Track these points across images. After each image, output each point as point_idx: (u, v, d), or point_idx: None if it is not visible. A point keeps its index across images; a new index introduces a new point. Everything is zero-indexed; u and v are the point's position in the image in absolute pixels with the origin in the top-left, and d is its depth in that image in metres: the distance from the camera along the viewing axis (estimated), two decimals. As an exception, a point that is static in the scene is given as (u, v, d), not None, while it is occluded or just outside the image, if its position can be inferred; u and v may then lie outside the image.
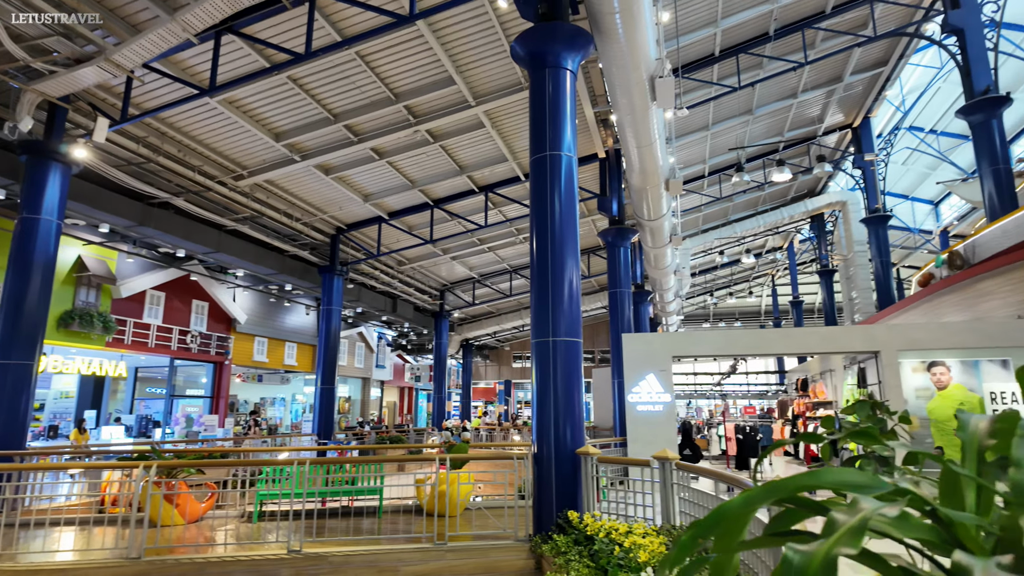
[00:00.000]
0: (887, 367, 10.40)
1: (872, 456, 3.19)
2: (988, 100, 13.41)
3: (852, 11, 15.08)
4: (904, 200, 34.46)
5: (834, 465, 1.43)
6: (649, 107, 9.68)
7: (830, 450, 3.02)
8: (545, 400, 6.64)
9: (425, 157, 14.78)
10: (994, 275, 11.70)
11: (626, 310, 15.38)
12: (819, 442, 1.77)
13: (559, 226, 6.99)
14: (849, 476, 0.66)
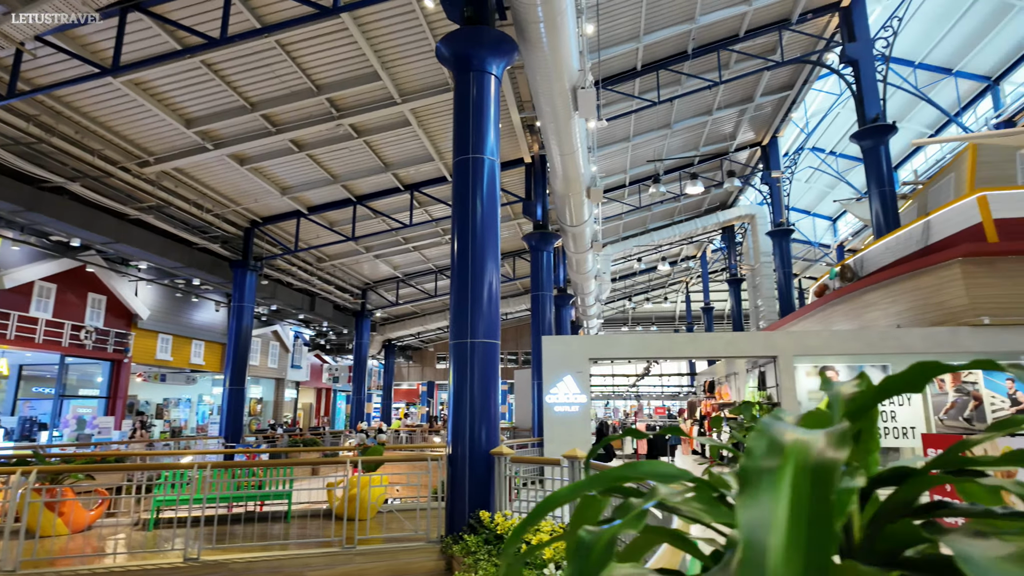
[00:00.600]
0: (783, 371, 11.16)
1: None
2: (877, 127, 14.69)
3: (763, 36, 16.09)
4: (806, 215, 37.08)
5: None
6: (572, 116, 9.93)
7: (716, 450, 3.25)
8: (461, 401, 6.67)
9: (348, 152, 14.45)
10: (877, 288, 12.82)
11: (547, 313, 15.67)
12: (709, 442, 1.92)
13: (480, 229, 7.05)
14: (661, 467, 0.74)
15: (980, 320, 10.56)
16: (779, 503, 0.43)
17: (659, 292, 48.70)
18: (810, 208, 36.34)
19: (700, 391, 24.09)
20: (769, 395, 12.13)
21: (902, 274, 12.05)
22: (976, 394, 10.97)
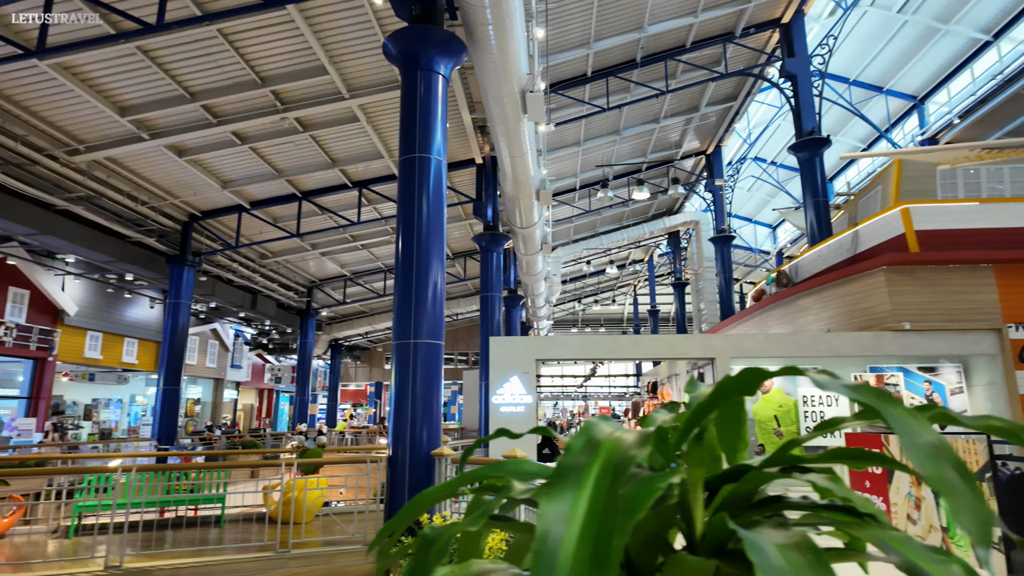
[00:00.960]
0: (720, 372, 11.55)
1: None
2: (813, 140, 15.39)
3: (708, 48, 16.61)
4: (748, 223, 38.50)
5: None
6: (521, 119, 10.00)
7: None
8: (403, 402, 6.62)
9: (294, 146, 14.11)
10: (810, 293, 13.43)
11: (497, 314, 15.71)
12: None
13: (426, 229, 7.01)
14: (526, 466, 0.77)
15: (902, 325, 11.21)
16: (582, 497, 0.46)
17: (608, 295, 49.59)
18: (752, 216, 37.75)
19: (644, 392, 24.64)
20: (708, 396, 12.51)
21: (832, 281, 12.66)
22: (898, 395, 11.63)
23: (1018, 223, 11.47)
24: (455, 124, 14.35)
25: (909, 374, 11.73)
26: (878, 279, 11.60)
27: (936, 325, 11.20)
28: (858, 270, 11.96)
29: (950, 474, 0.47)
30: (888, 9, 19.81)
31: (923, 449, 0.47)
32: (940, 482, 0.45)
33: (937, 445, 0.49)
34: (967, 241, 11.49)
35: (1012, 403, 10.83)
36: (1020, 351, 11.01)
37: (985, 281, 11.36)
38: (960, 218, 11.58)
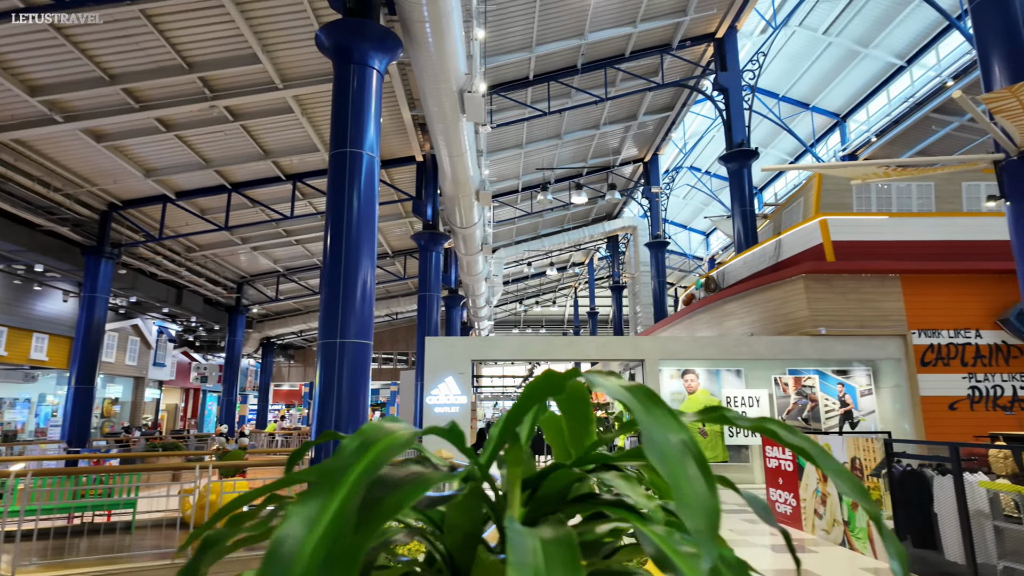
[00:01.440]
0: (649, 373, 11.89)
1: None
2: (742, 151, 16.06)
3: (646, 58, 17.07)
4: (683, 230, 39.78)
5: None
6: (460, 118, 9.97)
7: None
8: (328, 403, 6.47)
9: (223, 136, 13.55)
10: (735, 299, 14.01)
11: (434, 313, 15.60)
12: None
13: (356, 226, 6.88)
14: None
15: (818, 330, 11.87)
16: (334, 499, 0.46)
17: (549, 296, 50.09)
18: (687, 223, 39.04)
19: (581, 393, 25.02)
20: (638, 397, 12.86)
21: (756, 287, 13.26)
22: (813, 396, 12.30)
23: (923, 236, 12.34)
24: (394, 120, 14.16)
25: (824, 376, 12.43)
26: (797, 286, 12.24)
27: (848, 330, 11.92)
28: (779, 277, 12.58)
29: (691, 470, 0.50)
30: (814, 30, 20.90)
31: (661, 447, 0.49)
32: (673, 476, 0.48)
33: (682, 444, 0.52)
34: (878, 252, 12.28)
35: (914, 404, 11.65)
36: (922, 356, 11.87)
37: (893, 290, 12.18)
38: (872, 230, 12.36)
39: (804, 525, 7.24)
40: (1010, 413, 11.63)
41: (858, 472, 6.19)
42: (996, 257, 12.08)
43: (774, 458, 7.96)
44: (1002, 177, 7.44)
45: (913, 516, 5.46)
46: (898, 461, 5.78)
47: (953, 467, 4.87)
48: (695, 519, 0.46)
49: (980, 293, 12.07)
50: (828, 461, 0.67)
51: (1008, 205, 7.38)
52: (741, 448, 12.31)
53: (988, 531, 4.62)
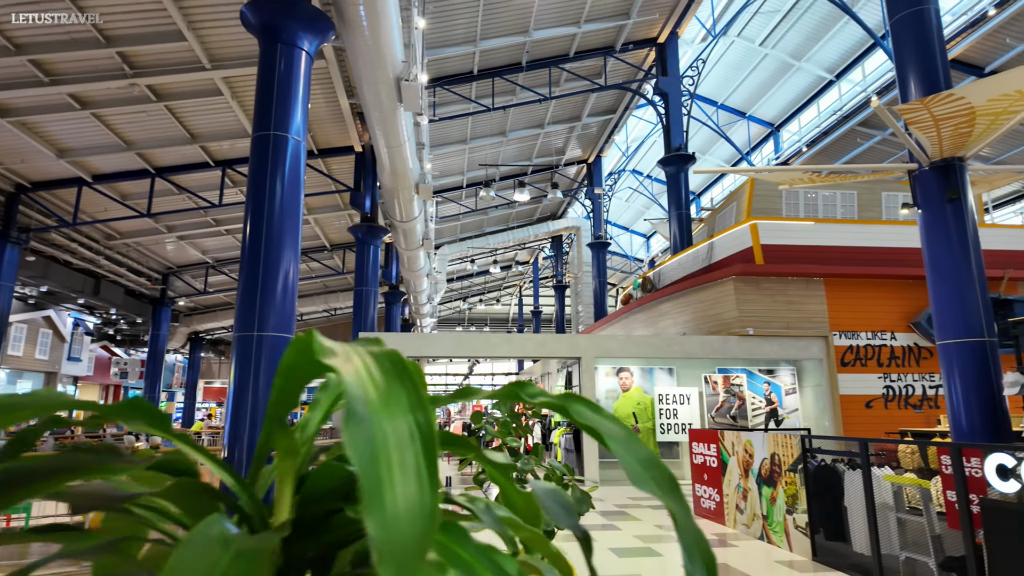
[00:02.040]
0: (585, 371, 11.96)
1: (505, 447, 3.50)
2: (680, 156, 16.40)
3: (590, 60, 17.20)
4: (626, 232, 40.56)
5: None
6: (397, 108, 9.71)
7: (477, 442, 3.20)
8: (243, 402, 6.13)
9: (146, 116, 12.75)
10: (670, 299, 14.29)
11: (371, 309, 15.21)
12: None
13: (278, 213, 6.55)
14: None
15: (746, 331, 12.23)
16: None
17: (494, 295, 50.06)
18: (629, 225, 39.81)
19: (521, 391, 25.07)
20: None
21: (689, 288, 13.56)
22: (741, 395, 12.68)
23: (846, 242, 12.91)
24: (331, 108, 13.71)
25: (752, 376, 12.83)
26: (728, 288, 12.57)
27: (775, 331, 12.34)
28: (711, 279, 12.90)
29: (409, 460, 0.37)
30: (752, 41, 21.63)
31: (371, 432, 0.36)
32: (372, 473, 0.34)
33: (409, 429, 0.39)
34: (804, 257, 12.77)
35: (834, 402, 12.17)
36: (842, 356, 12.42)
37: (816, 293, 12.68)
38: (799, 235, 12.83)
39: (727, 520, 7.40)
40: (919, 411, 12.33)
41: (777, 467, 6.35)
42: (911, 264, 12.78)
43: (700, 454, 8.11)
44: (915, 186, 7.82)
45: (826, 510, 5.63)
46: (813, 457, 5.95)
47: (862, 462, 5.03)
48: (391, 531, 0.33)
49: (896, 297, 12.74)
50: (626, 445, 0.55)
51: (920, 213, 7.75)
52: (672, 445, 12.55)
53: (892, 523, 4.79)
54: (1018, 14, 15.60)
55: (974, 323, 7.20)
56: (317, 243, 22.36)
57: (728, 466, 7.40)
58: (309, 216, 19.26)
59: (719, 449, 7.61)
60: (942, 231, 7.52)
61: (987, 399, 6.97)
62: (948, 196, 7.43)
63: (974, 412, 7.04)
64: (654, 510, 8.75)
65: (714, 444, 7.73)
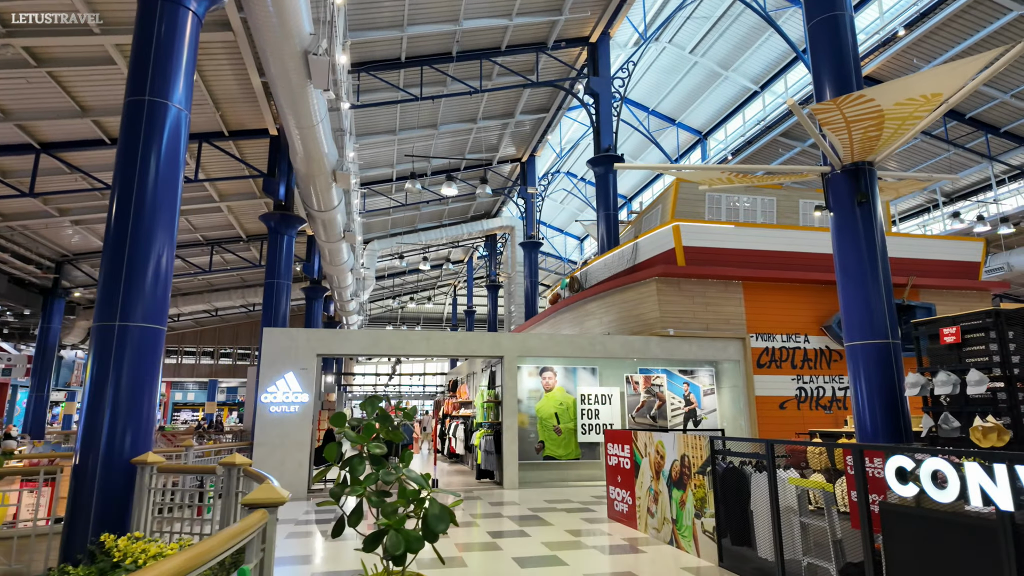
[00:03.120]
0: (507, 371, 11.61)
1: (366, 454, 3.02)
2: (608, 156, 16.36)
3: (522, 55, 16.91)
4: (560, 233, 40.72)
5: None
6: (307, 84, 9.03)
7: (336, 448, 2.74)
8: (100, 398, 5.36)
9: (25, 83, 11.43)
10: (596, 299, 14.17)
11: (283, 304, 14.29)
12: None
13: (152, 190, 5.80)
14: None
15: (667, 331, 12.22)
16: None
17: (427, 293, 49.19)
18: (563, 227, 40.00)
19: (447, 390, 24.54)
20: (496, 393, 12.55)
21: (614, 288, 13.47)
22: (661, 395, 12.67)
23: (764, 246, 13.15)
24: (243, 86, 12.78)
25: (672, 376, 12.85)
26: (650, 288, 12.54)
27: (694, 332, 12.39)
28: (635, 279, 12.84)
29: None
30: (683, 48, 21.99)
31: None
32: None
33: None
34: (724, 259, 12.91)
35: (750, 403, 12.33)
36: (758, 358, 12.63)
37: (735, 295, 12.84)
38: (720, 238, 12.96)
39: (638, 524, 7.19)
40: (829, 412, 12.69)
41: (686, 470, 6.16)
42: (824, 269, 13.16)
43: (614, 455, 7.89)
44: (827, 189, 7.89)
45: (733, 513, 5.46)
46: (722, 459, 5.79)
47: (768, 464, 4.87)
48: None
49: (809, 301, 13.08)
50: None
51: (831, 216, 7.83)
52: (594, 445, 12.38)
53: (795, 527, 4.63)
54: (925, 35, 16.49)
55: (880, 325, 7.30)
56: (232, 233, 21.05)
57: (640, 468, 7.19)
58: (222, 203, 18.06)
59: (632, 450, 7.40)
60: (852, 234, 7.60)
61: (890, 400, 7.07)
62: (858, 199, 7.52)
63: (877, 413, 7.13)
64: (569, 514, 8.48)
65: (627, 445, 7.52)
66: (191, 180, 14.46)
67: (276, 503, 2.56)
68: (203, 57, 11.77)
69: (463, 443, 15.01)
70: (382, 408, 3.05)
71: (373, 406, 3.00)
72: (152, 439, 5.66)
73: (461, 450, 15.51)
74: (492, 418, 12.68)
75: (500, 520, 8.06)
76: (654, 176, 30.08)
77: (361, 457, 2.83)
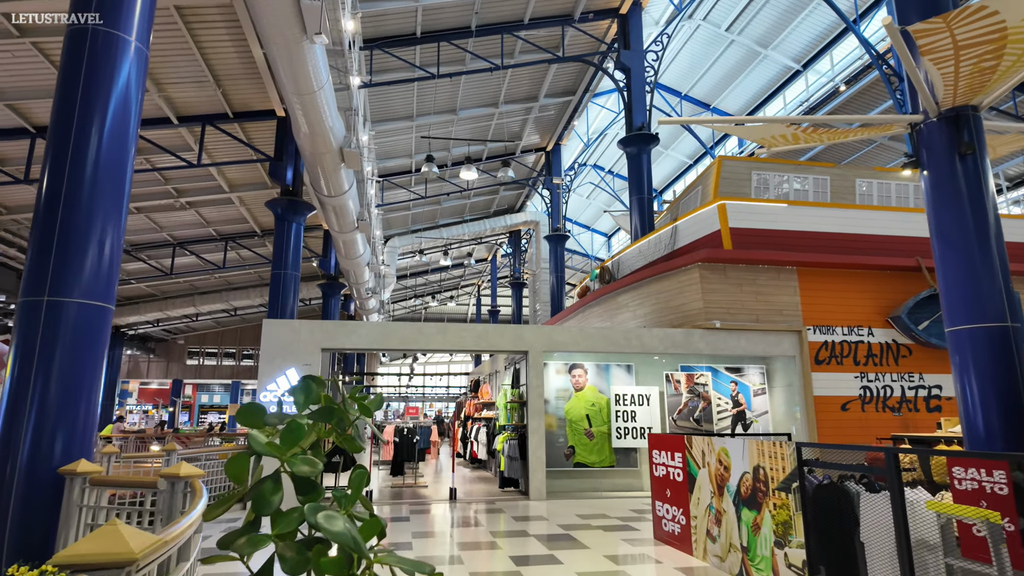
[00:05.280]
0: (533, 367, 10.38)
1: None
2: (642, 135, 15.04)
3: (546, 28, 15.70)
4: (587, 230, 39.35)
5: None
6: (303, 40, 7.96)
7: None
8: (22, 394, 4.29)
9: (11, 57, 10.63)
10: (628, 290, 12.85)
11: (291, 298, 13.29)
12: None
13: (97, 137, 4.75)
14: None
15: (712, 324, 10.86)
16: None
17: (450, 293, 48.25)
18: (590, 223, 38.63)
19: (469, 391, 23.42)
20: (521, 392, 11.33)
21: (650, 277, 12.15)
22: (706, 395, 11.29)
23: (820, 227, 11.70)
24: (245, 60, 11.81)
25: (717, 374, 11.46)
26: (692, 276, 11.19)
27: (743, 325, 11.00)
28: (674, 266, 11.50)
29: None
30: (718, 26, 20.54)
31: None
32: None
33: None
34: (776, 242, 11.49)
35: (807, 404, 10.89)
36: (816, 353, 11.18)
37: (789, 283, 11.41)
38: (771, 218, 11.56)
39: (695, 549, 5.89)
40: (898, 414, 11.18)
41: (761, 485, 4.86)
42: (890, 252, 11.66)
43: (662, 465, 6.59)
44: (919, 142, 6.52)
45: (831, 545, 4.15)
46: (811, 471, 4.48)
47: (891, 481, 3.55)
48: None
49: (873, 289, 11.59)
50: None
51: (925, 175, 6.45)
52: (630, 452, 11.06)
53: (937, 571, 3.31)
54: None
55: (993, 305, 5.90)
56: (246, 228, 20.24)
57: (697, 481, 5.89)
58: (232, 195, 17.21)
59: (685, 459, 6.11)
60: (952, 193, 6.21)
61: (1010, 396, 5.67)
62: (962, 150, 6.13)
63: (993, 412, 5.73)
64: (606, 532, 7.21)
65: (680, 453, 6.22)
66: (194, 165, 13.58)
67: (114, 563, 1.40)
68: (199, 28, 10.84)
69: (485, 447, 13.82)
70: (326, 395, 1.85)
71: (308, 390, 1.81)
72: (93, 444, 4.57)
73: (484, 455, 14.33)
74: (516, 420, 11.45)
75: (525, 541, 6.82)
76: (687, 166, 28.57)
77: (276, 480, 1.64)
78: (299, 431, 1.60)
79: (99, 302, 4.66)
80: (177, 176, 15.63)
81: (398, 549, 6.49)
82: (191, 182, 16.19)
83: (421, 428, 12.57)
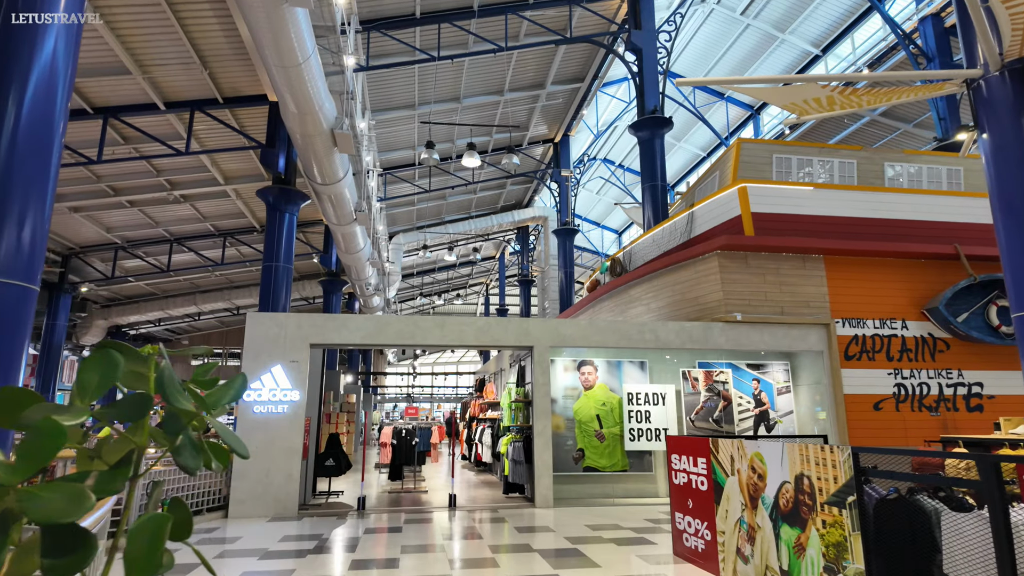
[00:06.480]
0: (538, 364, 9.60)
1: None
2: (654, 119, 14.22)
3: (553, 8, 14.94)
4: (596, 227, 38.53)
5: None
6: (282, 3, 7.24)
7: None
8: (-81, 385, 3.60)
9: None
10: (641, 282, 12.04)
11: (283, 291, 12.60)
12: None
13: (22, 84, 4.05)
14: None
15: (733, 316, 10.03)
16: None
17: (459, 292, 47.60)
18: (600, 220, 37.79)
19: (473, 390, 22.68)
20: (526, 391, 10.55)
21: (664, 267, 11.34)
22: (726, 394, 10.46)
23: (849, 213, 10.84)
24: (232, 41, 11.16)
25: (738, 371, 10.62)
26: (711, 265, 10.36)
27: (766, 317, 10.16)
28: (691, 255, 10.68)
29: None
30: (732, 10, 19.69)
31: None
32: None
33: None
34: (801, 228, 10.64)
35: (837, 403, 10.02)
36: (846, 348, 10.33)
37: (815, 272, 10.55)
38: (795, 202, 10.70)
39: (722, 569, 5.09)
40: (935, 414, 10.28)
41: (806, 497, 4.06)
42: (925, 239, 10.79)
43: (682, 471, 5.80)
44: (977, 100, 5.68)
45: (900, 574, 3.34)
46: (870, 482, 3.67)
47: (991, 497, 2.74)
48: None
49: (906, 279, 10.71)
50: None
51: (984, 138, 5.61)
52: (644, 455, 10.25)
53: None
54: None
55: (1071, 285, 5.06)
56: (244, 223, 19.62)
57: (724, 490, 5.09)
58: (228, 187, 16.58)
59: (711, 465, 5.31)
60: (1017, 157, 5.37)
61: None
62: (1031, 108, 5.29)
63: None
64: (620, 547, 6.42)
65: (703, 458, 5.43)
66: (183, 153, 12.95)
67: None
68: (182, 6, 10.19)
69: (490, 450, 13.06)
70: (140, 373, 1.09)
71: (107, 367, 1.06)
72: (11, 445, 3.86)
73: (488, 458, 13.57)
74: (521, 421, 10.67)
75: (529, 558, 6.05)
76: (700, 159, 27.66)
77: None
78: (53, 438, 0.84)
79: (21, 282, 3.95)
80: (169, 167, 15.03)
81: (385, 566, 5.75)
82: (184, 173, 15.58)
83: (421, 430, 11.82)
